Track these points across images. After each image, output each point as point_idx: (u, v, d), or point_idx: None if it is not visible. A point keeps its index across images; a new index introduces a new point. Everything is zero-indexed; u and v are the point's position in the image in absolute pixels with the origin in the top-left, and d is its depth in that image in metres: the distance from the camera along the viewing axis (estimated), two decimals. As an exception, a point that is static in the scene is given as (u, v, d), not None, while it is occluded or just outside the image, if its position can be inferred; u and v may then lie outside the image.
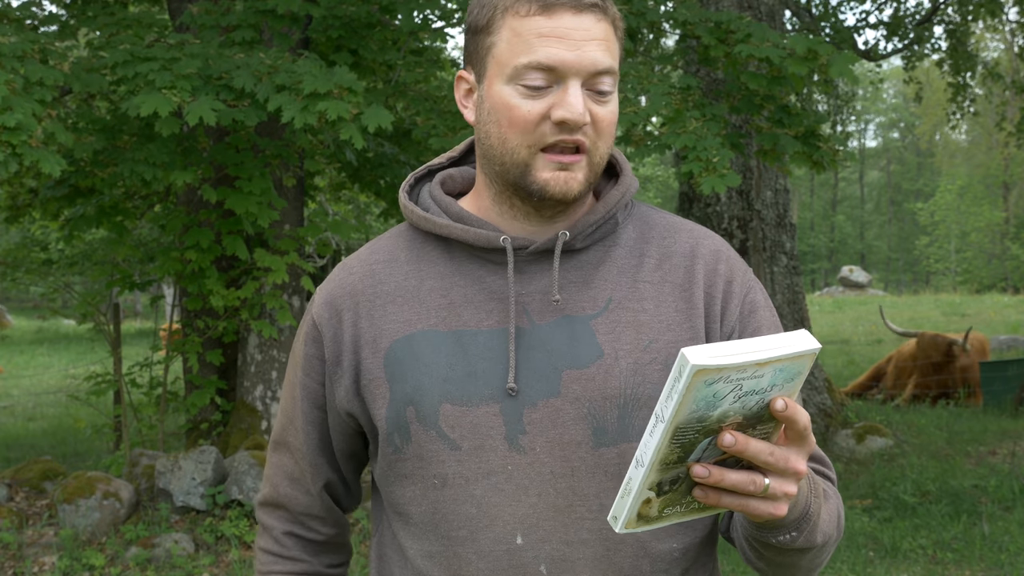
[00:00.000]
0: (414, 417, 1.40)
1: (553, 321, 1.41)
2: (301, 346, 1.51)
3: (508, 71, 1.37)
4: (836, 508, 1.39)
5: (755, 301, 1.49)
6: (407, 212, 1.50)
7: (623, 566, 1.39)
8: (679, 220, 1.53)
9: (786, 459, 1.17)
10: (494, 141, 1.40)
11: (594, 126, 1.37)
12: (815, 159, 6.49)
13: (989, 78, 14.35)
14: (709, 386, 1.08)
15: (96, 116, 7.00)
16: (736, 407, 1.12)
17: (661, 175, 38.30)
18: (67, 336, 22.88)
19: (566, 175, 1.37)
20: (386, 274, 1.47)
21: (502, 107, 1.37)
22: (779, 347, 1.11)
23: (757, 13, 8.50)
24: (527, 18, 1.36)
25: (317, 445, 1.53)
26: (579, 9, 1.35)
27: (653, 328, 1.43)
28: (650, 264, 1.47)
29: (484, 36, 1.40)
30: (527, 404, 1.38)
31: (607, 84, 1.37)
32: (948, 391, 10.56)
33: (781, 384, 1.14)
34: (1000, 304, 24.46)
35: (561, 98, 1.35)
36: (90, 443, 9.32)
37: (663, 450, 1.12)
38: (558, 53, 1.34)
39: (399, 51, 6.91)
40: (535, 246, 1.42)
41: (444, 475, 1.39)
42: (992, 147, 38.08)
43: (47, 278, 8.39)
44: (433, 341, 1.41)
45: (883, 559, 5.71)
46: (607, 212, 1.46)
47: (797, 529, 1.30)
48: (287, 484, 1.55)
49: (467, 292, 1.43)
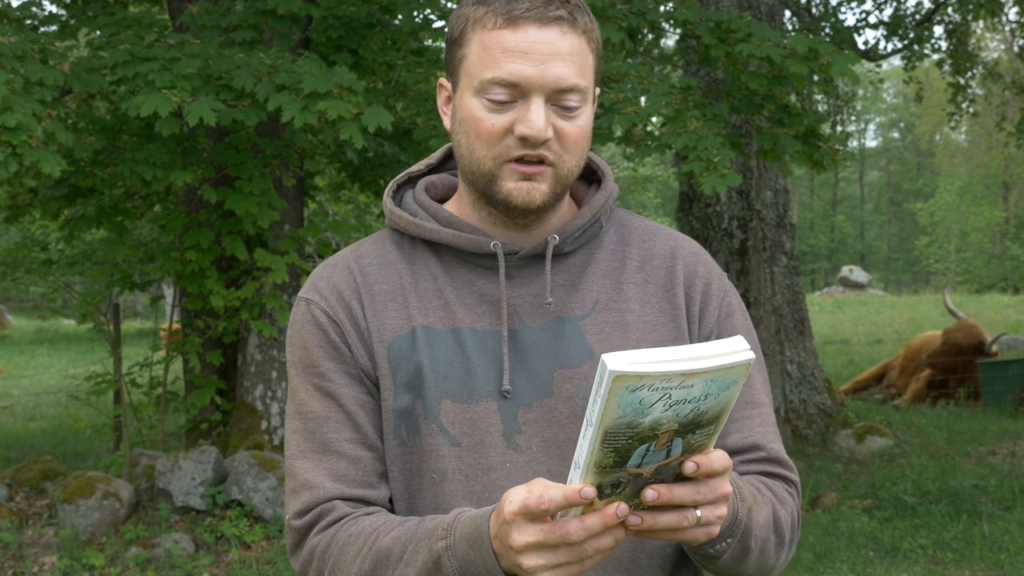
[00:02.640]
0: (421, 411, 1.41)
1: (544, 323, 1.45)
2: (316, 336, 1.45)
3: (476, 84, 1.39)
4: (771, 512, 1.41)
5: (731, 304, 1.53)
6: (394, 217, 1.51)
7: (621, 560, 1.42)
8: (656, 224, 1.57)
9: (713, 490, 1.21)
10: (464, 151, 1.43)
11: (560, 141, 1.39)
12: (815, 159, 6.49)
13: (989, 78, 14.35)
14: (632, 392, 1.09)
15: (96, 116, 7.00)
16: (669, 415, 1.13)
17: (661, 175, 38.27)
18: (67, 336, 22.88)
19: (529, 185, 1.40)
20: (381, 275, 1.48)
21: (470, 119, 1.40)
22: (708, 357, 1.11)
23: (757, 13, 8.50)
24: (494, 31, 1.38)
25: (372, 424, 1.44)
26: (544, 22, 1.36)
27: (639, 328, 1.47)
28: (632, 266, 1.50)
29: (457, 48, 1.43)
30: (521, 405, 1.41)
31: (573, 100, 1.39)
32: (949, 390, 10.55)
33: (716, 393, 1.14)
34: (1000, 304, 24.45)
35: (523, 114, 1.37)
36: (90, 443, 9.31)
37: (596, 454, 1.13)
38: (521, 69, 1.36)
39: (399, 51, 6.91)
40: (525, 251, 1.45)
41: (443, 470, 1.41)
42: (992, 147, 38.06)
43: (47, 278, 8.39)
44: (433, 338, 1.43)
45: (883, 559, 5.70)
46: (592, 216, 1.49)
47: (731, 535, 1.33)
48: (332, 481, 1.42)
49: (459, 294, 1.46)
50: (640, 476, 1.18)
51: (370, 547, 1.34)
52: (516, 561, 1.20)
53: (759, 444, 1.48)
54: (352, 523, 1.38)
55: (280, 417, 7.31)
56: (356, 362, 1.44)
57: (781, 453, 1.49)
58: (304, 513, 1.42)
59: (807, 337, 9.09)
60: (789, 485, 1.49)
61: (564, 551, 1.18)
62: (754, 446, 1.48)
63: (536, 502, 1.16)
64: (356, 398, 1.44)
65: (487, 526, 1.24)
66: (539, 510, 1.16)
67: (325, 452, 1.42)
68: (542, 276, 1.46)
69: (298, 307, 1.49)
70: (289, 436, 1.46)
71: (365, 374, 1.44)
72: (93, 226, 7.18)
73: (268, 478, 6.31)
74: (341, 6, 6.50)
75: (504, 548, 1.21)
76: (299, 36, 6.74)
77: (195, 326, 7.19)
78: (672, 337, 1.47)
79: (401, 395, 1.42)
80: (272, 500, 6.27)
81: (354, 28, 6.71)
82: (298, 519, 1.42)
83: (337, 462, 1.42)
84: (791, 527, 1.46)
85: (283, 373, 7.36)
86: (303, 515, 1.42)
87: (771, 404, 1.53)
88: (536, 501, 1.16)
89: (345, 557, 1.36)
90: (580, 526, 1.17)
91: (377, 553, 1.33)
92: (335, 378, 1.44)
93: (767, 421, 1.50)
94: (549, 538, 1.17)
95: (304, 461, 1.43)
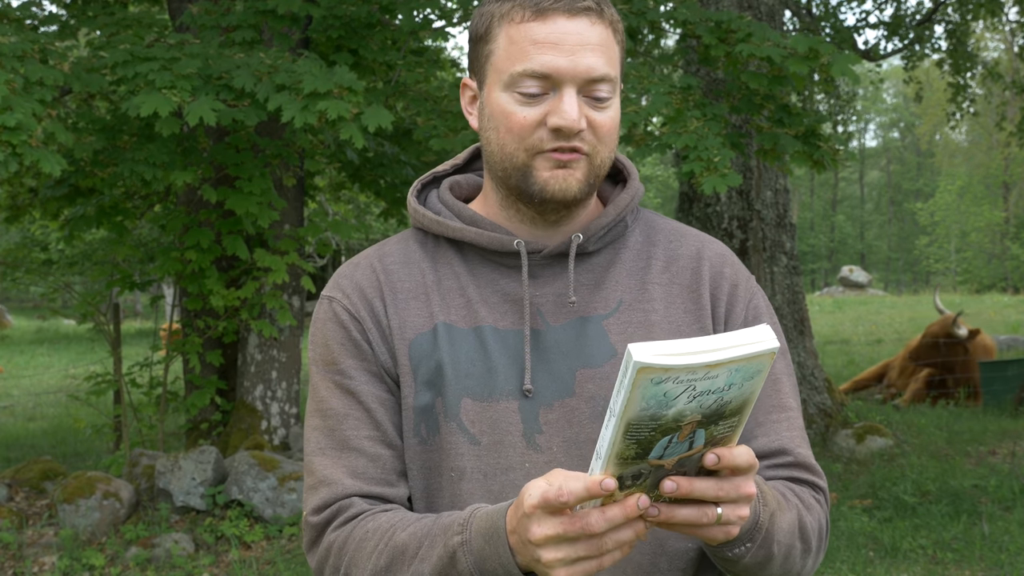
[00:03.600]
0: (442, 409, 1.41)
1: (567, 323, 1.44)
2: (338, 333, 1.45)
3: (505, 78, 1.38)
4: (796, 517, 1.38)
5: (759, 307, 1.51)
6: (418, 216, 1.51)
7: (642, 563, 1.40)
8: (684, 226, 1.56)
9: (736, 488, 1.18)
10: (494, 147, 1.42)
11: (593, 131, 1.39)
12: (815, 159, 6.49)
13: (989, 78, 14.35)
14: (657, 385, 1.08)
15: (96, 116, 7.00)
16: (692, 407, 1.11)
17: (661, 175, 38.29)
18: (67, 336, 22.88)
19: (565, 173, 1.39)
20: (404, 273, 1.48)
21: (500, 114, 1.40)
22: (733, 347, 1.10)
23: (757, 13, 8.50)
24: (522, 24, 1.37)
25: (392, 421, 1.44)
26: (573, 13, 1.36)
27: (663, 328, 1.45)
28: (657, 266, 1.49)
29: (483, 44, 1.42)
30: (543, 404, 1.41)
31: (604, 91, 1.38)
32: (949, 390, 10.56)
33: (740, 383, 1.12)
34: (1000, 304, 24.45)
35: (556, 106, 1.36)
36: (90, 443, 9.31)
37: (617, 445, 1.12)
38: (552, 60, 1.35)
39: (399, 51, 6.91)
40: (548, 249, 1.44)
41: (462, 468, 1.41)
42: (992, 147, 38.07)
43: (47, 278, 8.39)
44: (454, 336, 1.43)
45: (883, 559, 5.70)
46: (618, 215, 1.48)
47: (751, 540, 1.31)
48: (351, 478, 1.42)
49: (482, 293, 1.46)
50: (662, 467, 1.16)
51: (386, 543, 1.34)
52: (535, 555, 1.18)
53: (786, 448, 1.45)
54: (369, 519, 1.38)
55: (280, 417, 7.31)
56: (377, 360, 1.44)
57: (809, 458, 1.47)
58: (322, 509, 1.41)
59: (807, 337, 9.09)
60: (817, 491, 1.46)
61: (584, 544, 1.16)
62: (781, 450, 1.45)
63: (556, 494, 1.14)
64: (376, 396, 1.43)
65: (503, 521, 1.23)
66: (559, 503, 1.14)
67: (344, 449, 1.42)
68: (565, 275, 1.45)
69: (321, 305, 1.50)
70: (308, 433, 1.46)
71: (386, 372, 1.44)
72: (93, 226, 7.18)
73: (268, 478, 6.31)
74: (341, 6, 6.50)
75: (522, 542, 1.19)
76: (299, 36, 6.74)
77: (195, 326, 7.19)
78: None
79: (422, 393, 1.42)
80: (272, 500, 6.27)
81: (354, 28, 6.71)
82: (316, 515, 1.41)
83: (356, 459, 1.42)
84: (818, 533, 1.43)
85: (283, 373, 7.36)
86: (321, 511, 1.41)
87: (799, 408, 1.50)
88: (556, 493, 1.14)
89: (362, 553, 1.35)
90: (601, 517, 1.15)
91: (393, 549, 1.33)
92: (355, 375, 1.44)
93: (794, 425, 1.47)
94: (569, 530, 1.15)
95: (323, 458, 1.43)
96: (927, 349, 10.68)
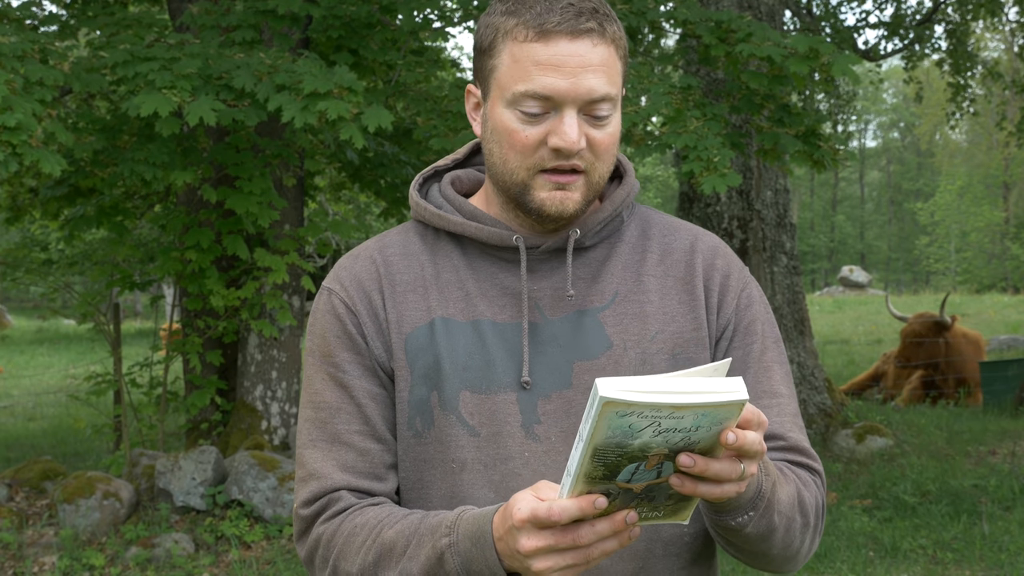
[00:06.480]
0: (437, 402, 1.44)
1: (564, 316, 1.48)
2: (335, 326, 1.48)
3: (508, 96, 1.41)
4: (795, 491, 1.42)
5: (751, 295, 1.55)
6: (420, 209, 1.54)
7: (637, 549, 1.44)
8: (678, 220, 1.60)
9: (752, 442, 1.20)
10: (496, 160, 1.46)
11: (592, 149, 1.42)
12: (816, 158, 6.49)
13: (989, 78, 14.35)
14: (621, 417, 1.10)
15: (96, 116, 7.00)
16: (658, 440, 1.14)
17: (661, 175, 38.29)
18: (67, 336, 22.87)
19: (563, 195, 1.43)
20: (403, 265, 1.51)
21: (502, 130, 1.43)
22: (701, 393, 1.12)
23: (757, 13, 8.50)
24: (525, 44, 1.39)
25: (382, 416, 1.47)
26: (576, 35, 1.38)
27: (658, 319, 1.49)
28: (652, 259, 1.53)
29: (487, 58, 1.45)
30: (541, 396, 1.44)
31: (604, 109, 1.41)
32: (941, 390, 10.58)
33: (708, 427, 1.15)
34: (1000, 304, 24.44)
35: (556, 126, 1.39)
36: (90, 443, 9.31)
37: (585, 466, 1.15)
38: (553, 83, 1.38)
39: (399, 51, 6.90)
40: (547, 245, 1.48)
41: (463, 460, 1.44)
42: (992, 147, 38.06)
43: (47, 278, 8.39)
44: (452, 329, 1.46)
45: (883, 559, 5.70)
46: (614, 211, 1.52)
47: (753, 508, 1.33)
48: (341, 471, 1.45)
49: (481, 287, 1.49)
50: (630, 491, 1.19)
51: (374, 539, 1.37)
52: (525, 564, 1.23)
53: (778, 433, 1.48)
54: (357, 514, 1.42)
55: (280, 417, 7.31)
56: (371, 354, 1.47)
57: (803, 442, 1.50)
58: (311, 502, 1.45)
59: (807, 337, 9.09)
60: (813, 473, 1.50)
61: (573, 553, 1.21)
62: (772, 436, 1.48)
63: (546, 513, 1.18)
64: (368, 390, 1.46)
65: (489, 527, 1.26)
66: (549, 522, 1.18)
67: (335, 443, 1.46)
68: (563, 269, 1.49)
69: (320, 297, 1.53)
70: (301, 424, 1.50)
71: (380, 366, 1.47)
72: (93, 226, 7.18)
73: (268, 478, 6.31)
74: (341, 6, 6.50)
75: (511, 551, 1.23)
76: (299, 36, 6.74)
77: (195, 326, 7.19)
78: (691, 328, 1.49)
79: (417, 387, 1.45)
80: (272, 500, 6.27)
81: (354, 28, 6.71)
82: (305, 507, 1.45)
83: (346, 453, 1.45)
84: (816, 510, 1.46)
85: (283, 373, 7.36)
86: (310, 504, 1.45)
87: (792, 396, 1.53)
88: (546, 512, 1.18)
89: (350, 547, 1.39)
90: (591, 531, 1.20)
91: (381, 545, 1.36)
92: (349, 369, 1.47)
93: (785, 411, 1.50)
94: (560, 543, 1.20)
95: (314, 451, 1.46)
96: (912, 349, 10.72)
